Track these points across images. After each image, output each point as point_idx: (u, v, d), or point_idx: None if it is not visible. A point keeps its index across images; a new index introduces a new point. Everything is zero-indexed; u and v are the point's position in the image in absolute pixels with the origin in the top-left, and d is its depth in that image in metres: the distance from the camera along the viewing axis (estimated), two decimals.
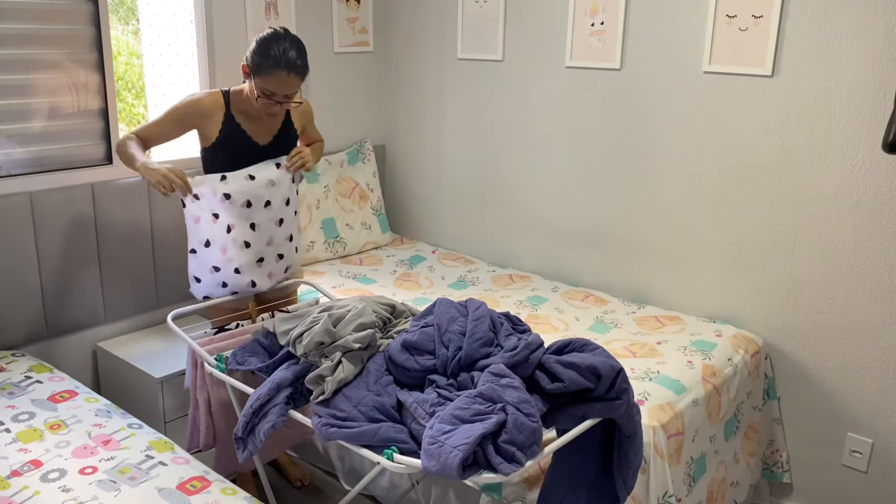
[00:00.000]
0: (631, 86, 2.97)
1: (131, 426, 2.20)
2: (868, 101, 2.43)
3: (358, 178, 3.64)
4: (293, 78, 2.31)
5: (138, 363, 2.79)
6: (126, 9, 3.60)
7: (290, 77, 2.30)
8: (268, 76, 2.29)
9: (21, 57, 2.66)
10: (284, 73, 2.28)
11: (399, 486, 2.61)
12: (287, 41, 2.29)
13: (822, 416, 2.72)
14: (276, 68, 2.27)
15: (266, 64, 2.28)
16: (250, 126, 2.49)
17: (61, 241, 2.79)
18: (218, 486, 1.93)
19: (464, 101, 3.53)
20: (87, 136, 2.88)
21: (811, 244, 2.63)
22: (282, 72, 2.28)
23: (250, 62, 2.33)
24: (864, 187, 2.49)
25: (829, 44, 2.48)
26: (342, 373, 1.86)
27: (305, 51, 2.35)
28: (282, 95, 2.33)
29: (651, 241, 3.03)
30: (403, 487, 2.58)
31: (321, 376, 1.88)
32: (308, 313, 2.13)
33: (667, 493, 2.16)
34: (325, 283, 3.15)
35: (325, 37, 3.55)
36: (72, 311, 2.87)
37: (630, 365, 2.46)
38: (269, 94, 2.32)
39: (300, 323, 2.07)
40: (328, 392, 1.83)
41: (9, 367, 2.51)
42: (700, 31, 2.74)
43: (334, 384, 1.84)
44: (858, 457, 2.65)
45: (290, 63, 2.28)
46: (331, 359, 1.90)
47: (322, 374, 1.87)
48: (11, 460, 1.99)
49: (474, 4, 3.39)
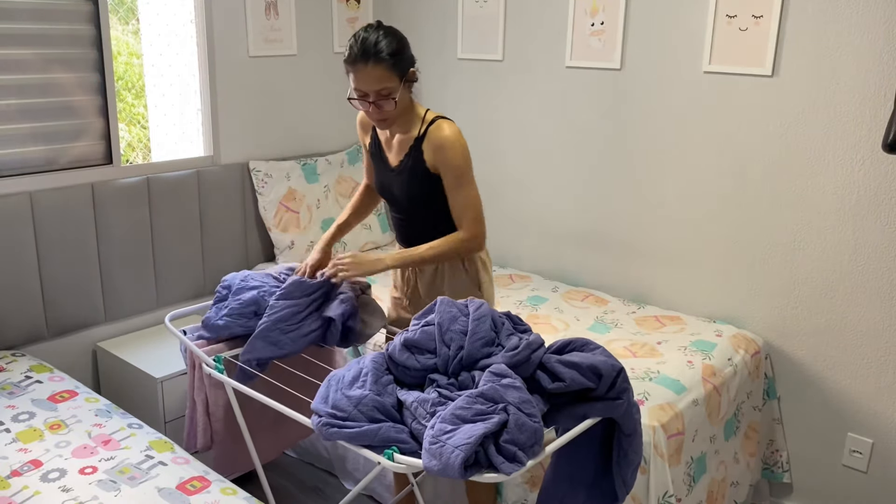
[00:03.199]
0: (631, 86, 2.97)
1: (131, 426, 2.20)
2: (868, 101, 2.43)
3: (358, 178, 3.64)
4: (375, 69, 1.99)
5: (138, 363, 2.79)
6: (126, 9, 3.60)
7: (371, 67, 1.99)
8: (350, 71, 2.03)
9: (21, 57, 2.66)
10: (362, 63, 1.99)
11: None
12: (367, 30, 2.03)
13: (822, 416, 2.72)
14: (352, 58, 2.01)
15: (347, 57, 2.02)
16: (386, 141, 2.23)
17: (61, 241, 2.79)
18: (218, 485, 1.93)
19: (464, 101, 3.53)
20: (87, 136, 2.88)
21: (811, 244, 2.63)
22: (359, 62, 2.00)
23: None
24: (864, 187, 2.49)
25: (829, 44, 2.48)
26: None
27: (397, 41, 2.03)
28: (373, 94, 2.03)
29: (651, 241, 3.03)
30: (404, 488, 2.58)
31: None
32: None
33: (667, 493, 2.16)
34: None
35: (325, 37, 3.55)
36: (72, 311, 2.87)
37: (630, 365, 2.46)
38: (359, 94, 2.04)
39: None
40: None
41: (9, 367, 2.51)
42: (700, 31, 2.74)
43: None
44: (858, 457, 2.65)
45: (367, 50, 1.98)
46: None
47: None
48: (11, 460, 1.99)
49: (474, 4, 3.39)
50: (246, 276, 2.33)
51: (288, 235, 3.34)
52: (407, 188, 2.17)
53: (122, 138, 3.17)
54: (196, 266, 3.23)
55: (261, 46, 3.30)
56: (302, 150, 3.57)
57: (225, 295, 2.30)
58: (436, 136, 2.10)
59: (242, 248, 3.39)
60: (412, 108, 2.15)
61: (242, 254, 3.40)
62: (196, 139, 3.29)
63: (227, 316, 2.23)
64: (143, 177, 3.00)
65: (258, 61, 3.31)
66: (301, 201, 3.39)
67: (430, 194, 2.16)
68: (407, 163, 2.15)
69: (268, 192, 3.33)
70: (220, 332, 2.23)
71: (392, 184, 2.22)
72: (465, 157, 2.10)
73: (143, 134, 3.82)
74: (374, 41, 1.98)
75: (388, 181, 2.23)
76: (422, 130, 2.12)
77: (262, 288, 2.28)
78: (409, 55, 2.08)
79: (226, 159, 3.28)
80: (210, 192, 3.22)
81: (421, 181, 2.14)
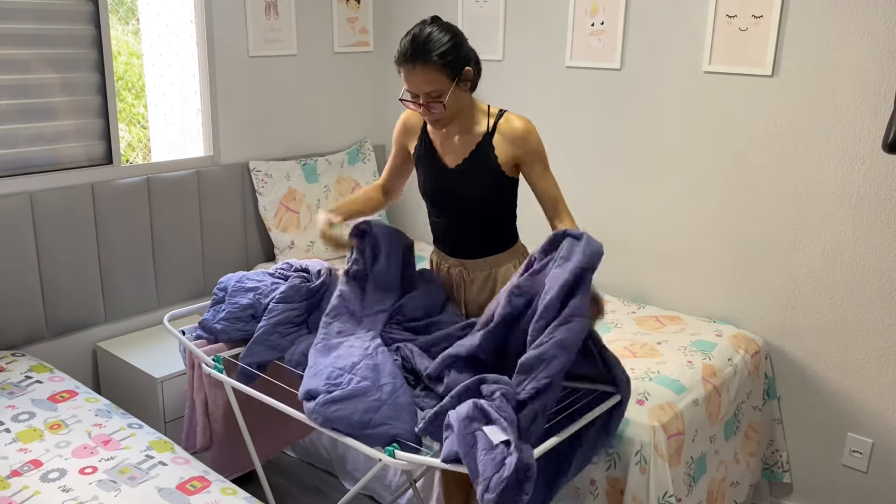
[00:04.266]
0: (631, 86, 2.97)
1: (131, 426, 2.20)
2: (868, 101, 2.43)
3: (358, 178, 3.64)
4: (424, 70, 1.89)
5: (138, 363, 2.78)
6: (126, 9, 3.60)
7: (419, 69, 1.89)
8: (401, 71, 1.94)
9: (21, 57, 2.66)
10: (409, 64, 1.90)
11: (403, 485, 2.61)
12: (420, 26, 1.92)
13: (822, 416, 2.71)
14: (401, 58, 1.91)
15: (397, 57, 1.93)
16: (441, 142, 2.09)
17: (61, 241, 2.79)
18: (218, 485, 1.93)
19: None
20: (87, 135, 2.88)
21: (811, 244, 2.63)
22: (407, 63, 1.91)
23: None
24: (864, 187, 2.49)
25: (829, 44, 2.48)
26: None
27: (450, 39, 1.91)
28: (423, 96, 1.93)
29: (651, 241, 3.03)
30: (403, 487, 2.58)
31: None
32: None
33: (667, 494, 2.16)
34: None
35: (325, 37, 3.55)
36: (72, 311, 2.87)
37: (630, 365, 2.46)
38: (411, 95, 1.95)
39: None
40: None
41: (9, 367, 2.51)
42: (700, 31, 2.74)
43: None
44: (858, 457, 2.65)
45: (416, 51, 1.88)
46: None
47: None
48: (11, 460, 1.99)
49: (474, 4, 3.39)
50: (242, 276, 2.33)
51: (288, 235, 3.34)
52: (475, 188, 2.06)
53: (122, 138, 3.17)
54: (196, 266, 3.23)
55: (261, 46, 3.30)
56: (302, 150, 3.57)
57: (222, 297, 2.30)
58: (510, 129, 2.02)
59: (242, 248, 3.39)
60: (473, 105, 2.06)
61: (242, 254, 3.40)
62: (196, 139, 3.29)
63: (225, 320, 2.23)
64: (143, 177, 3.00)
65: (258, 61, 3.31)
66: (301, 201, 3.39)
67: (499, 195, 2.08)
68: (473, 162, 2.04)
69: (268, 192, 3.33)
70: (219, 336, 2.24)
71: (452, 186, 2.09)
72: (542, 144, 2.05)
73: (143, 134, 3.82)
74: (424, 40, 1.88)
75: (446, 184, 2.10)
76: (490, 126, 2.04)
77: (258, 290, 2.28)
78: (464, 54, 1.96)
79: (226, 159, 3.28)
80: (210, 192, 3.22)
81: (491, 180, 2.05)
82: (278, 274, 2.34)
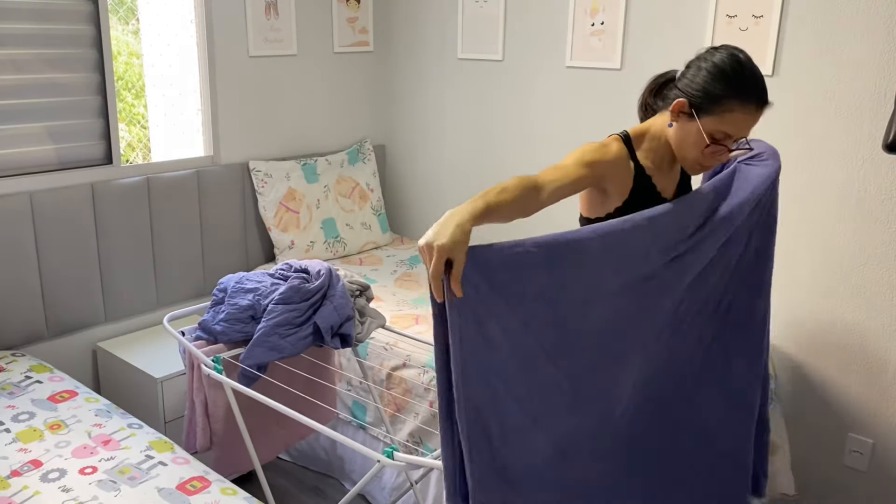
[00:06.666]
0: (631, 86, 2.97)
1: (131, 426, 2.20)
2: (868, 101, 2.43)
3: (358, 178, 3.64)
4: (759, 113, 1.68)
5: (138, 363, 2.79)
6: (126, 9, 3.60)
7: (758, 112, 1.67)
8: (731, 112, 1.65)
9: (21, 57, 2.66)
10: (754, 106, 1.65)
11: (398, 488, 2.61)
12: (752, 63, 1.68)
13: (823, 416, 2.71)
14: (746, 101, 1.64)
15: (734, 97, 1.64)
16: (659, 178, 1.86)
17: (61, 241, 2.79)
18: (218, 486, 1.93)
19: (464, 100, 3.53)
20: (87, 136, 2.88)
21: (811, 244, 2.63)
22: (751, 105, 1.65)
23: (702, 95, 1.65)
24: (864, 187, 2.49)
25: (829, 44, 2.47)
26: None
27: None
28: (733, 141, 1.70)
29: None
30: (402, 488, 2.58)
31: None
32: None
33: None
34: None
35: (325, 37, 3.55)
36: (72, 311, 2.87)
37: None
38: (721, 137, 1.68)
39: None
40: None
41: (9, 367, 2.51)
42: (700, 31, 2.74)
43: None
44: (859, 457, 2.65)
45: (764, 92, 1.66)
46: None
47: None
48: (11, 460, 1.99)
49: (474, 4, 3.39)
50: (241, 277, 2.33)
51: (288, 235, 3.34)
52: None
53: (122, 138, 3.17)
54: (196, 266, 3.23)
55: (261, 46, 3.30)
56: (302, 150, 3.57)
57: (221, 298, 2.30)
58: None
59: (242, 248, 3.39)
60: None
61: (242, 254, 3.40)
62: (196, 139, 3.29)
63: (224, 321, 2.23)
64: (143, 177, 3.00)
65: (258, 61, 3.31)
66: (301, 201, 3.39)
67: None
68: (682, 188, 1.92)
69: (268, 192, 3.33)
70: (218, 337, 2.24)
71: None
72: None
73: (143, 134, 3.82)
74: (764, 84, 1.67)
75: None
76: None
77: (258, 290, 2.27)
78: None
79: (226, 159, 3.28)
80: (210, 192, 3.22)
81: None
82: (278, 274, 2.34)
